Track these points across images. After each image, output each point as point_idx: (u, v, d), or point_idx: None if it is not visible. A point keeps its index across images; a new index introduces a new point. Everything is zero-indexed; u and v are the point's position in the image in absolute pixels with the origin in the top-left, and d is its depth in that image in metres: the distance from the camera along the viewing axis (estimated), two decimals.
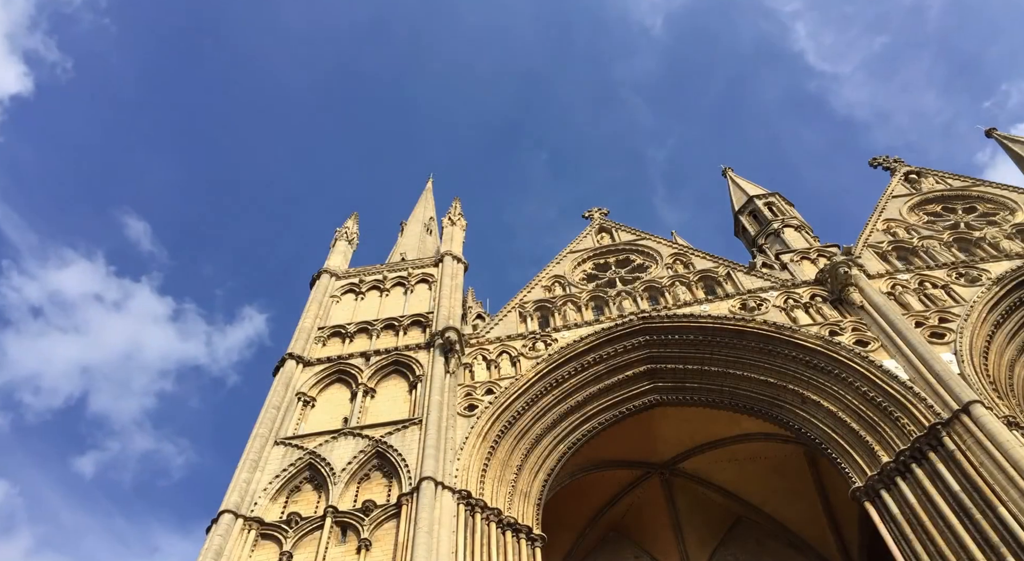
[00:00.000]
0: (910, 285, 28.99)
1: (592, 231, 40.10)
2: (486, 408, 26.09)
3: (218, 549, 21.03)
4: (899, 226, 34.48)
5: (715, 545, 33.21)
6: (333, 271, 36.96)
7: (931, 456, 21.66)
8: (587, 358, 28.45)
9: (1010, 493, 19.37)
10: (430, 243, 50.16)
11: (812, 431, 25.28)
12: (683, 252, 35.80)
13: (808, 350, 26.19)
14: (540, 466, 26.11)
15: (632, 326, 29.13)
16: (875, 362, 24.66)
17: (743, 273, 32.35)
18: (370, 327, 31.97)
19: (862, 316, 27.19)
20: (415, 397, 26.97)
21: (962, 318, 26.10)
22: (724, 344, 28.04)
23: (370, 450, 24.50)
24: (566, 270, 36.10)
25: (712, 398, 27.99)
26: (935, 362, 23.61)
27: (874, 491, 22.60)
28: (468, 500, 22.67)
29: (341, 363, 29.59)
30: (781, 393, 26.44)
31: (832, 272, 29.28)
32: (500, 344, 29.99)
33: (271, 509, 22.99)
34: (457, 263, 36.70)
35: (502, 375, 28.06)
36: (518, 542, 23.16)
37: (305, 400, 27.90)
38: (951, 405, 21.98)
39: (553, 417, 27.06)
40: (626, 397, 28.31)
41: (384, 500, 22.70)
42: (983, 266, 29.27)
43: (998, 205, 35.54)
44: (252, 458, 24.45)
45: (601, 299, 32.90)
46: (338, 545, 21.46)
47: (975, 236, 32.59)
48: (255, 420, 26.49)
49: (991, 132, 43.75)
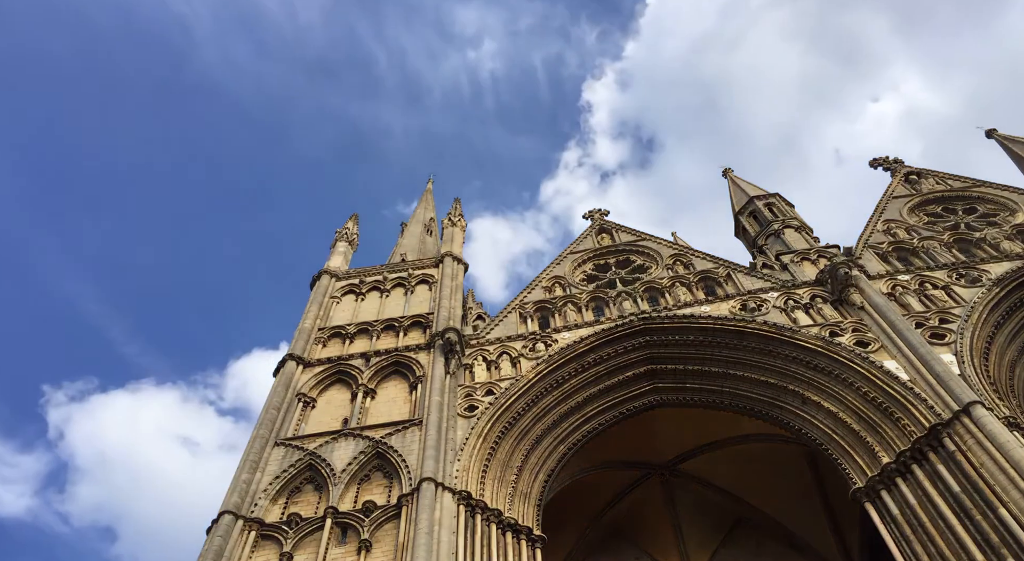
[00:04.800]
0: (910, 286, 28.98)
1: (592, 232, 40.09)
2: (486, 409, 26.08)
3: (218, 550, 21.04)
4: (899, 227, 34.47)
5: (715, 546, 33.20)
6: (333, 272, 36.96)
7: (932, 457, 21.68)
8: (587, 359, 28.47)
9: (1011, 494, 19.36)
10: (430, 244, 50.17)
11: (812, 432, 25.29)
12: (683, 253, 35.81)
13: (808, 351, 26.20)
14: (540, 467, 26.10)
15: (632, 327, 29.13)
16: (876, 363, 24.65)
17: (743, 274, 32.35)
18: (370, 328, 31.97)
19: (862, 317, 27.18)
20: (415, 398, 26.97)
21: (962, 319, 26.10)
22: (724, 345, 28.05)
23: (370, 451, 24.50)
24: (566, 271, 36.08)
25: (712, 399, 28.00)
26: (936, 363, 23.60)
27: (874, 492, 22.62)
28: (468, 501, 22.66)
29: (341, 364, 29.58)
30: (781, 394, 26.45)
31: (832, 273, 29.27)
32: (500, 345, 29.98)
33: (271, 510, 23.01)
34: (457, 264, 36.73)
35: (502, 376, 28.05)
36: (518, 543, 23.16)
37: (305, 401, 27.90)
38: (952, 406, 21.98)
39: (553, 418, 27.07)
40: (626, 398, 28.32)
41: (384, 501, 22.70)
42: (983, 267, 29.26)
43: (998, 206, 35.54)
44: (252, 459, 24.45)
45: (601, 300, 32.88)
46: (338, 546, 21.47)
47: (975, 237, 32.57)
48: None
49: (991, 132, 43.78)
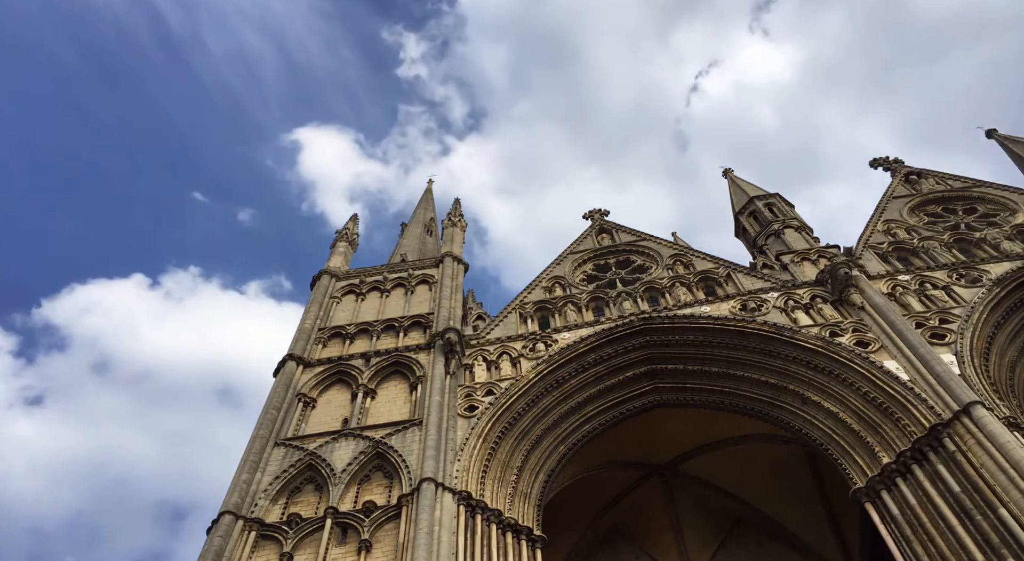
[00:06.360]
0: (911, 286, 28.97)
1: (592, 232, 40.09)
2: (486, 409, 26.07)
3: (218, 550, 21.02)
4: (899, 227, 34.47)
5: (716, 546, 33.20)
6: (333, 272, 36.96)
7: (932, 457, 21.67)
8: (587, 359, 28.46)
9: (1011, 494, 19.34)
10: (430, 244, 50.17)
11: (813, 432, 25.28)
12: (683, 253, 35.81)
13: (809, 351, 26.19)
14: (540, 467, 26.09)
15: (632, 327, 29.12)
16: (876, 363, 24.64)
17: (743, 274, 32.34)
18: (370, 328, 31.96)
19: (863, 317, 27.17)
20: (415, 398, 26.96)
21: (963, 319, 26.09)
22: (724, 345, 28.05)
23: (370, 451, 24.49)
24: (566, 271, 36.07)
25: (712, 399, 27.99)
26: (936, 363, 23.58)
27: (875, 492, 22.61)
28: (468, 501, 22.64)
29: (341, 364, 29.57)
30: (782, 394, 26.45)
31: (833, 273, 29.26)
32: (500, 345, 29.97)
33: (271, 510, 22.99)
34: (457, 264, 36.73)
35: (502, 376, 28.03)
36: (518, 543, 23.15)
37: (305, 401, 27.88)
38: (952, 406, 21.96)
39: (553, 418, 27.05)
40: (626, 398, 28.31)
41: (384, 501, 22.68)
42: (983, 267, 29.25)
43: (998, 206, 35.55)
44: (252, 459, 24.44)
45: (601, 300, 32.87)
46: (338, 546, 21.44)
47: (975, 237, 32.57)
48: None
49: (991, 132, 43.77)
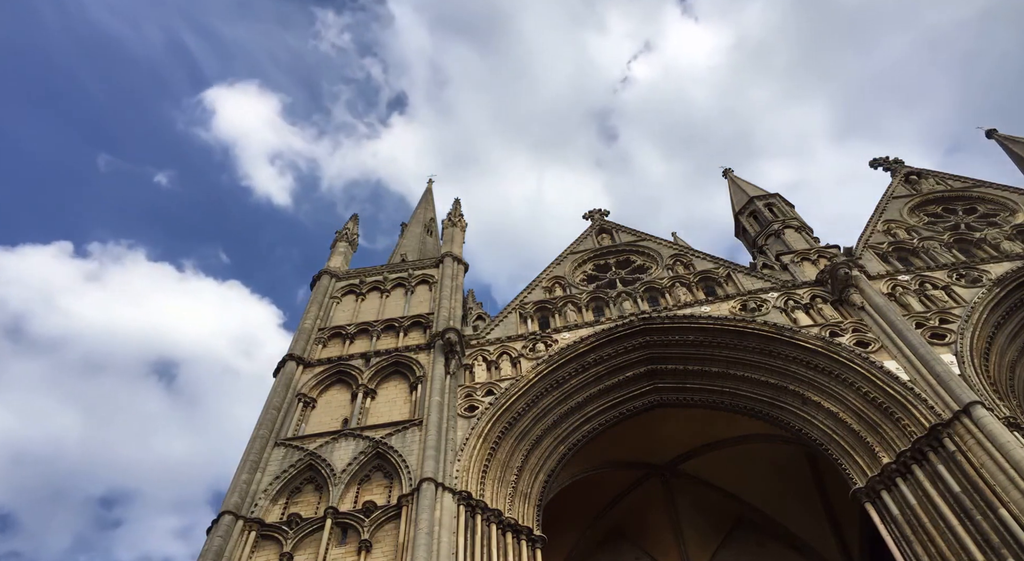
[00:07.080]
0: (911, 286, 28.97)
1: (592, 232, 40.08)
2: (486, 409, 26.06)
3: (218, 550, 21.01)
4: (899, 227, 34.47)
5: (716, 546, 33.17)
6: (333, 272, 36.95)
7: (932, 457, 21.67)
8: (587, 359, 28.46)
9: (1011, 494, 19.34)
10: (430, 244, 50.17)
11: (813, 432, 25.28)
12: (683, 253, 35.81)
13: (809, 351, 26.20)
14: (541, 467, 26.09)
15: (633, 327, 29.12)
16: (876, 363, 24.64)
17: (743, 274, 32.34)
18: (370, 328, 31.95)
19: (863, 317, 27.17)
20: (415, 398, 26.96)
21: (963, 319, 26.10)
22: (724, 345, 28.05)
23: (370, 451, 24.48)
24: (566, 271, 36.07)
25: (712, 399, 27.99)
26: (936, 363, 23.58)
27: (875, 492, 22.61)
28: (468, 501, 22.64)
29: (341, 364, 29.57)
30: (782, 394, 26.45)
31: (833, 273, 29.26)
32: (500, 345, 29.96)
33: (271, 510, 22.98)
34: (457, 264, 36.72)
35: (502, 376, 28.03)
36: (518, 543, 23.15)
37: (305, 401, 27.88)
38: (952, 406, 21.96)
39: (553, 418, 27.05)
40: (626, 398, 28.31)
41: (384, 501, 22.68)
42: (984, 267, 29.26)
43: (998, 206, 35.55)
44: (252, 459, 24.43)
45: (601, 300, 32.86)
46: (338, 546, 21.43)
47: (975, 237, 32.57)
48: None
49: (991, 132, 43.77)
